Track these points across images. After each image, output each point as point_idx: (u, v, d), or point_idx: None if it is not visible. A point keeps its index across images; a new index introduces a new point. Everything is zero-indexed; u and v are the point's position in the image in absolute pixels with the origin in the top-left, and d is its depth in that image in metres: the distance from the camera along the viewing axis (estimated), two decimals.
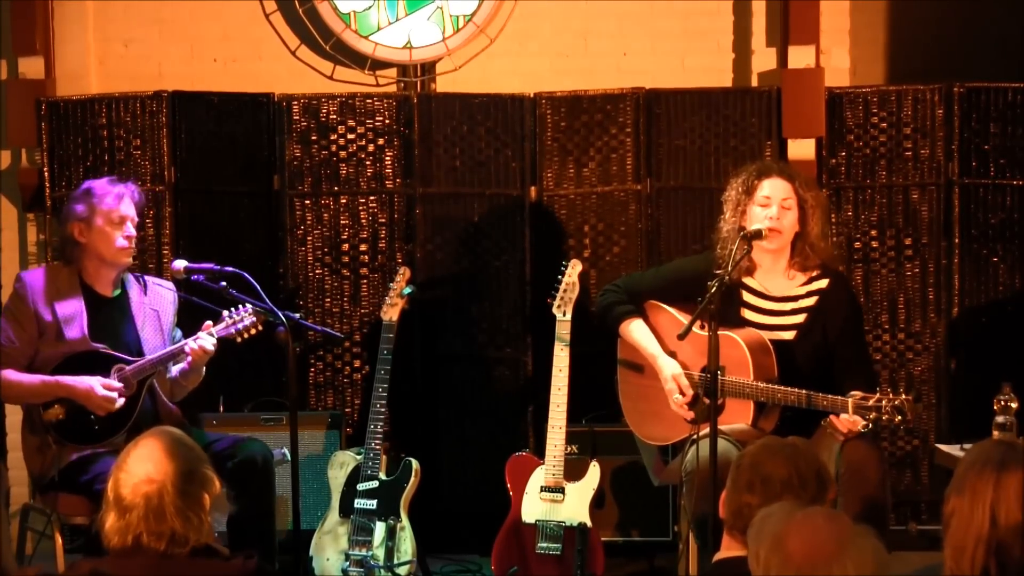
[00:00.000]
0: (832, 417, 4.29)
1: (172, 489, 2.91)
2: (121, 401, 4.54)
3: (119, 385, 4.55)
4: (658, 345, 4.64)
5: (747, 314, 4.58)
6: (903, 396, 4.19)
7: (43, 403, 4.56)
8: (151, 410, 4.66)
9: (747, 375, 4.40)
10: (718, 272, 4.48)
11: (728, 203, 4.64)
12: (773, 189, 4.56)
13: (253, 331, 4.65)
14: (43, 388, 4.54)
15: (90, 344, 4.59)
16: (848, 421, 4.25)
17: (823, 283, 4.60)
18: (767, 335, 4.52)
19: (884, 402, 4.18)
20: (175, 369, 4.73)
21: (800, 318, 4.57)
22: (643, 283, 4.82)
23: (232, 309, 4.64)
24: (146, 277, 4.84)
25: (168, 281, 4.89)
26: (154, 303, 4.76)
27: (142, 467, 2.93)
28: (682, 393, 4.53)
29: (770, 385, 4.38)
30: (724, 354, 4.20)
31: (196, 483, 2.95)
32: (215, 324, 4.64)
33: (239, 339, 4.66)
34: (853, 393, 4.25)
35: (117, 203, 4.63)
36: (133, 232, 4.68)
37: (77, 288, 4.65)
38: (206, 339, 4.60)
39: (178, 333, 4.78)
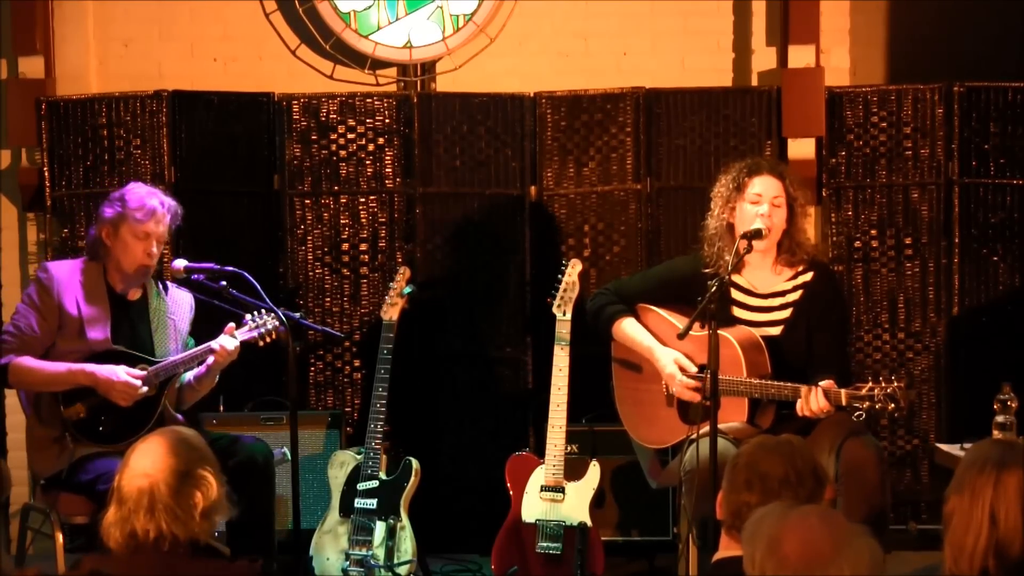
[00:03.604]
0: (800, 401, 4.27)
1: (163, 487, 2.94)
2: (144, 389, 4.52)
3: (142, 373, 4.53)
4: (652, 337, 4.63)
5: (737, 311, 4.58)
6: (895, 383, 4.17)
7: (64, 400, 4.53)
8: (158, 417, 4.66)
9: (740, 373, 4.39)
10: (707, 271, 4.48)
11: (717, 199, 4.63)
12: (764, 187, 4.55)
13: (275, 335, 4.64)
14: (68, 375, 4.50)
15: (112, 345, 4.58)
16: (814, 404, 4.23)
17: (808, 276, 4.60)
18: (757, 332, 4.52)
19: (876, 391, 4.16)
20: (190, 374, 4.72)
21: (787, 313, 4.57)
22: (633, 286, 4.82)
23: (255, 313, 4.63)
24: (167, 283, 4.82)
25: (186, 289, 4.84)
26: (172, 310, 4.74)
27: (140, 463, 2.99)
28: (686, 374, 4.52)
29: (761, 381, 4.37)
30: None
31: (190, 482, 2.97)
32: (237, 327, 4.63)
33: (261, 343, 4.66)
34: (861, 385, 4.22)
35: (146, 219, 4.60)
36: (156, 251, 4.64)
37: (103, 288, 4.63)
38: (229, 341, 4.59)
39: (191, 341, 4.76)
